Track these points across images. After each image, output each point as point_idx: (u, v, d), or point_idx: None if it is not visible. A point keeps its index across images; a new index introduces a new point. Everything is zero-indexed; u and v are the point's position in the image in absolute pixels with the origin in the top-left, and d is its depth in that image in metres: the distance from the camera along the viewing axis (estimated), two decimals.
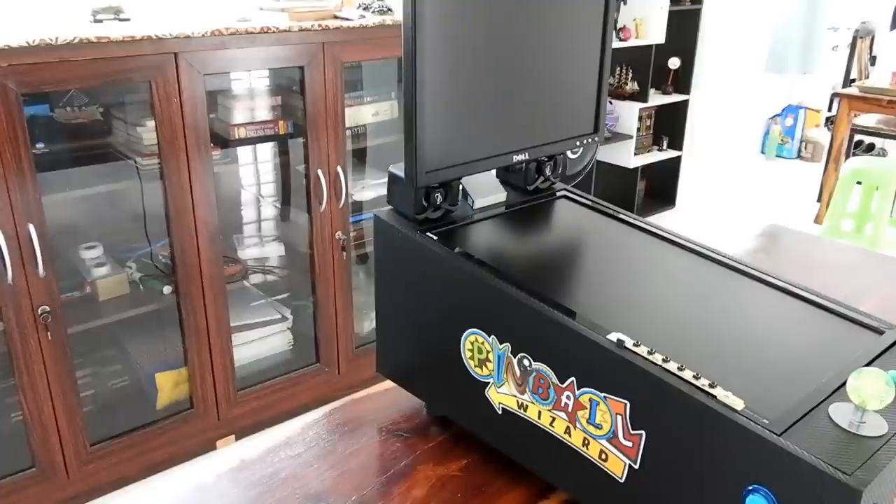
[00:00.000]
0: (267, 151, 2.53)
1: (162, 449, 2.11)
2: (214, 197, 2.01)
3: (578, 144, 0.83)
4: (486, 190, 0.80)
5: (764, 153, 5.77)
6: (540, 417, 0.65)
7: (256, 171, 2.60)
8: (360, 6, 2.39)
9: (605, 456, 0.60)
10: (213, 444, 2.22)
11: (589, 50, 0.80)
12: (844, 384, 0.54)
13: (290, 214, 2.59)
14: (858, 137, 4.65)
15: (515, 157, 0.77)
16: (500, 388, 0.67)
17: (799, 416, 0.53)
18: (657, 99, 4.17)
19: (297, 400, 2.36)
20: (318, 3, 2.19)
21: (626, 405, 0.58)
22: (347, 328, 2.43)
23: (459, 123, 0.71)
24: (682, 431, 0.55)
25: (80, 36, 1.67)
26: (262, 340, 2.38)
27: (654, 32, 3.89)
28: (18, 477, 1.87)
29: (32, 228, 1.71)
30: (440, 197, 0.73)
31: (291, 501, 0.68)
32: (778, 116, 5.76)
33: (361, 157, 2.65)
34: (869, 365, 0.59)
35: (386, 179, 0.74)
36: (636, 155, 4.13)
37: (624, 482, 0.60)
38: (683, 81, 4.23)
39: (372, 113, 2.46)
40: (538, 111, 0.78)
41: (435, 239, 0.70)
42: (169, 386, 2.15)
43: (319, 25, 2.08)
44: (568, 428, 0.63)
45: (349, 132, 2.33)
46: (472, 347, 0.68)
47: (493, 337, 0.66)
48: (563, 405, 0.62)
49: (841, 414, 0.53)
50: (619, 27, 3.77)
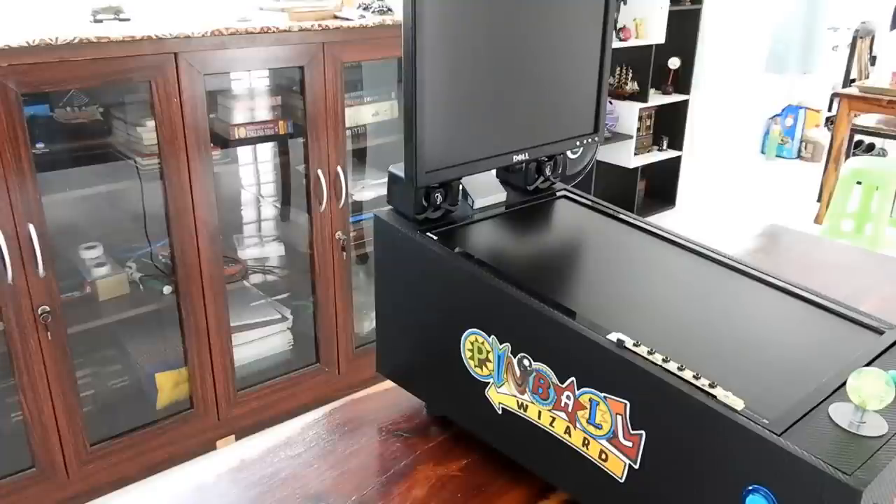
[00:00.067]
0: (267, 151, 2.53)
1: (162, 449, 2.11)
2: (214, 197, 2.01)
3: (578, 144, 0.83)
4: (486, 190, 0.80)
5: (764, 153, 5.77)
6: (540, 417, 0.65)
7: (256, 171, 2.60)
8: (360, 6, 2.39)
9: (605, 456, 0.60)
10: (213, 444, 2.22)
11: (589, 50, 0.80)
12: (844, 384, 0.54)
13: (290, 214, 2.59)
14: (858, 137, 4.65)
15: (515, 157, 0.77)
16: (500, 388, 0.67)
17: (799, 416, 0.53)
18: (657, 99, 4.17)
19: (297, 400, 2.36)
20: (318, 3, 2.19)
21: (626, 405, 0.58)
22: (347, 328, 2.43)
23: (459, 123, 0.71)
24: (682, 431, 0.55)
25: (80, 36, 1.67)
26: (262, 340, 2.38)
27: (654, 32, 3.89)
28: (18, 477, 1.87)
29: (32, 228, 1.71)
30: (440, 197, 0.73)
31: (291, 501, 0.68)
32: (778, 116, 5.76)
33: (361, 157, 2.65)
34: (869, 365, 0.59)
35: (386, 179, 0.74)
36: (636, 155, 4.13)
37: (624, 482, 0.60)
38: (683, 81, 4.23)
39: (372, 113, 2.46)
40: (538, 111, 0.78)
41: (435, 239, 0.70)
42: (169, 386, 2.15)
43: (319, 25, 2.08)
44: (568, 428, 0.63)
45: (349, 132, 2.33)
46: (472, 347, 0.68)
47: (493, 337, 0.66)
48: (563, 405, 0.62)
49: (841, 414, 0.53)
50: (619, 27, 3.77)
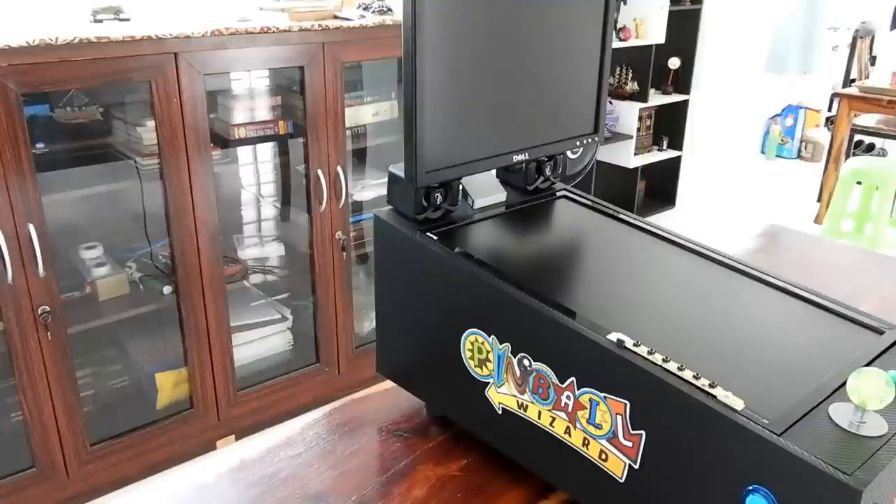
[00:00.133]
0: (267, 151, 2.53)
1: (162, 449, 2.11)
2: (214, 197, 2.01)
3: (578, 144, 0.83)
4: (486, 190, 0.80)
5: (764, 153, 5.77)
6: (540, 417, 0.65)
7: (256, 171, 2.60)
8: (360, 6, 2.39)
9: (605, 456, 0.60)
10: (213, 444, 2.22)
11: (589, 50, 0.80)
12: (844, 384, 0.54)
13: (290, 214, 2.59)
14: (858, 137, 4.65)
15: (515, 157, 0.77)
16: (500, 388, 0.67)
17: (799, 416, 0.53)
18: (657, 99, 4.17)
19: (297, 400, 2.36)
20: (318, 3, 2.19)
21: (626, 405, 0.58)
22: (347, 328, 2.43)
23: (459, 123, 0.71)
24: (682, 431, 0.55)
25: (80, 36, 1.67)
26: (262, 340, 2.38)
27: (654, 32, 3.89)
28: (18, 477, 1.87)
29: (32, 228, 1.71)
30: (440, 197, 0.73)
31: (291, 501, 0.68)
32: (778, 116, 5.76)
33: (361, 157, 2.65)
34: (869, 365, 0.59)
35: (386, 179, 0.74)
36: (636, 155, 4.13)
37: (624, 482, 0.60)
38: (683, 81, 4.23)
39: (372, 113, 2.46)
40: (538, 111, 0.78)
41: (435, 239, 0.70)
42: (169, 386, 2.15)
43: (319, 25, 2.08)
44: (568, 428, 0.63)
45: (349, 132, 2.33)
46: (472, 347, 0.68)
47: (493, 337, 0.66)
48: (563, 405, 0.62)
49: (841, 414, 0.53)
50: (619, 27, 3.77)
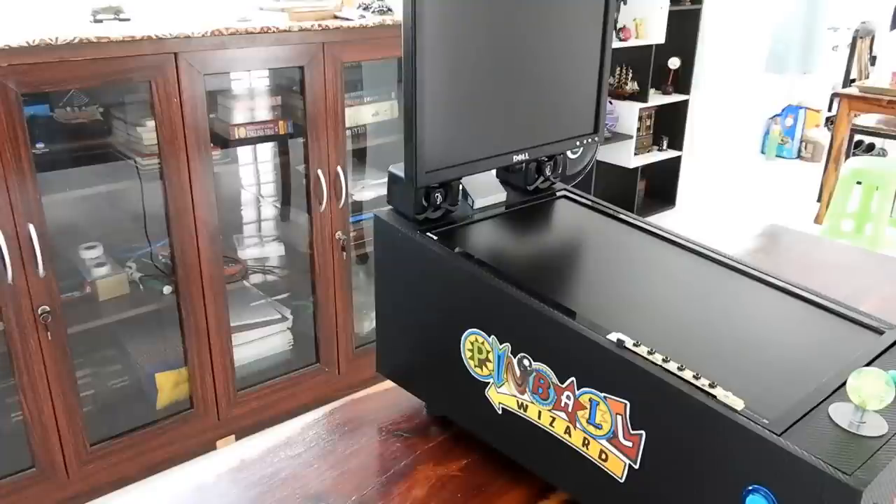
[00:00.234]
0: (267, 151, 2.53)
1: (162, 449, 2.11)
2: (214, 197, 2.01)
3: (578, 144, 0.83)
4: (486, 190, 0.80)
5: (764, 153, 5.77)
6: (540, 417, 0.65)
7: (256, 171, 2.60)
8: (360, 6, 2.39)
9: (605, 456, 0.60)
10: (213, 444, 2.22)
11: (589, 50, 0.80)
12: (844, 384, 0.54)
13: (290, 214, 2.59)
14: (858, 137, 4.65)
15: (515, 157, 0.77)
16: (500, 388, 0.67)
17: (799, 416, 0.53)
18: (657, 99, 4.17)
19: (297, 400, 2.36)
20: (318, 3, 2.19)
21: (626, 405, 0.58)
22: (347, 328, 2.43)
23: (459, 123, 0.71)
24: (682, 431, 0.55)
25: (80, 36, 1.67)
26: (262, 340, 2.38)
27: (654, 32, 3.89)
28: (18, 477, 1.87)
29: (32, 228, 1.71)
30: (440, 197, 0.73)
31: (291, 501, 0.68)
32: (778, 116, 5.76)
33: (361, 157, 2.65)
34: (869, 365, 0.59)
35: (386, 179, 0.74)
36: (636, 155, 4.13)
37: (624, 482, 0.60)
38: (683, 81, 4.23)
39: (372, 113, 2.46)
40: (538, 111, 0.78)
41: (435, 239, 0.70)
42: (169, 386, 2.15)
43: (319, 25, 2.08)
44: (568, 428, 0.63)
45: (349, 132, 2.33)
46: (472, 347, 0.68)
47: (493, 337, 0.66)
48: (563, 405, 0.62)
49: (841, 414, 0.53)
50: (619, 27, 3.77)
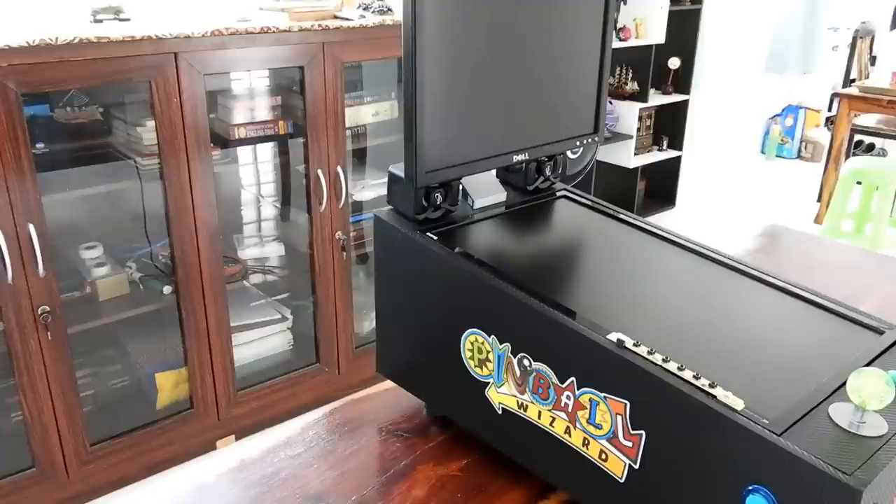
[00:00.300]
0: (267, 151, 2.53)
1: (162, 449, 2.11)
2: (214, 197, 2.01)
3: (578, 144, 0.83)
4: (486, 190, 0.80)
5: (764, 153, 5.77)
6: (540, 417, 0.65)
7: (256, 171, 2.60)
8: (360, 6, 2.39)
9: (605, 456, 0.60)
10: (213, 444, 2.22)
11: (589, 50, 0.80)
12: (844, 384, 0.54)
13: (290, 214, 2.59)
14: (858, 137, 4.65)
15: (515, 157, 0.77)
16: (500, 388, 0.67)
17: (799, 416, 0.53)
18: (657, 99, 4.17)
19: (297, 400, 2.36)
20: (318, 3, 2.19)
21: (626, 405, 0.58)
22: (347, 328, 2.43)
23: (459, 123, 0.71)
24: (682, 431, 0.55)
25: (80, 36, 1.67)
26: (262, 340, 2.38)
27: (654, 32, 3.89)
28: (18, 477, 1.87)
29: (32, 228, 1.71)
30: (440, 197, 0.73)
31: (291, 501, 0.68)
32: (778, 116, 5.76)
33: (361, 157, 2.65)
34: (869, 365, 0.59)
35: (386, 179, 0.74)
36: (636, 155, 4.13)
37: (624, 482, 0.60)
38: (683, 81, 4.23)
39: (372, 113, 2.46)
40: (538, 111, 0.78)
41: (435, 239, 0.70)
42: (169, 386, 2.15)
43: (319, 25, 2.08)
44: (568, 428, 0.63)
45: (349, 132, 2.33)
46: (472, 347, 0.68)
47: (493, 337, 0.66)
48: (563, 405, 0.62)
49: (841, 414, 0.53)
50: (619, 27, 3.77)
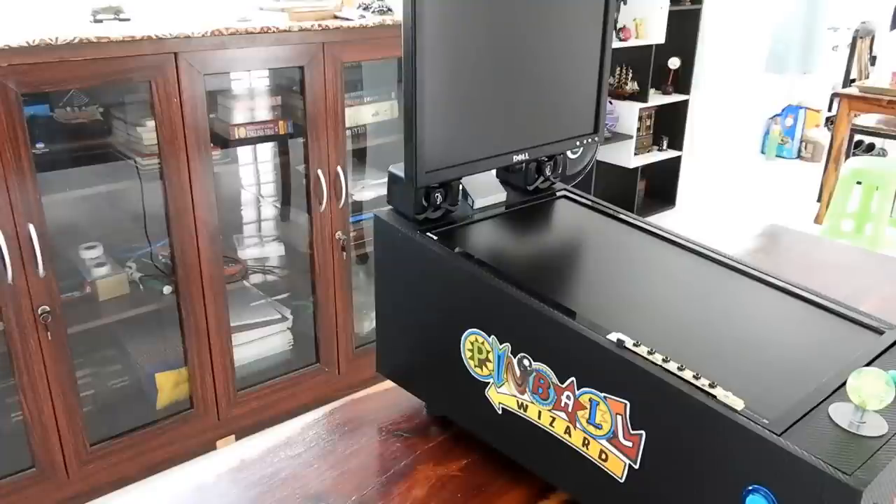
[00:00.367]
0: (267, 151, 2.53)
1: (162, 449, 2.11)
2: (214, 197, 2.01)
3: (578, 144, 0.83)
4: (486, 190, 0.80)
5: (764, 153, 5.77)
6: (540, 417, 0.65)
7: (256, 171, 2.60)
8: (360, 6, 2.39)
9: (605, 456, 0.60)
10: (213, 444, 2.22)
11: (589, 50, 0.80)
12: (844, 384, 0.54)
13: (290, 214, 2.59)
14: (858, 137, 4.65)
15: (515, 157, 0.77)
16: (500, 388, 0.67)
17: (799, 416, 0.53)
18: (657, 99, 4.17)
19: (297, 400, 2.36)
20: (318, 3, 2.19)
21: (626, 405, 0.58)
22: (347, 328, 2.43)
23: (459, 123, 0.71)
24: (682, 431, 0.55)
25: (80, 36, 1.67)
26: (262, 340, 2.38)
27: (654, 32, 3.89)
28: (18, 477, 1.87)
29: (32, 228, 1.71)
30: (440, 197, 0.73)
31: (291, 501, 0.68)
32: (778, 116, 5.76)
33: (361, 157, 2.65)
34: (869, 365, 0.59)
35: (386, 179, 0.74)
36: (636, 155, 4.13)
37: (624, 482, 0.60)
38: (683, 81, 4.23)
39: (372, 113, 2.46)
40: (538, 111, 0.78)
41: (435, 239, 0.70)
42: (169, 386, 2.15)
43: (319, 25, 2.08)
44: (568, 428, 0.63)
45: (349, 132, 2.33)
46: (472, 347, 0.68)
47: (493, 337, 0.66)
48: (563, 405, 0.62)
49: (841, 414, 0.53)
50: (619, 27, 3.77)
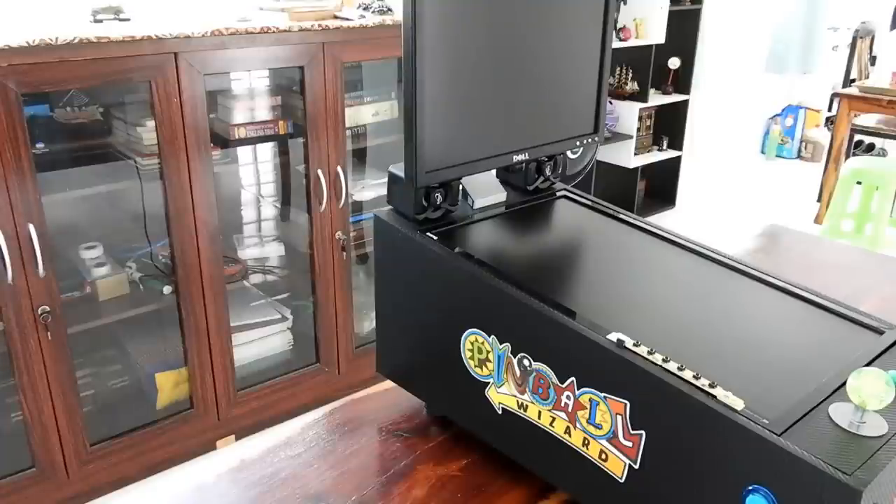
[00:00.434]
0: (267, 151, 2.53)
1: (162, 449, 2.11)
2: (214, 197, 2.01)
3: (578, 144, 0.83)
4: (486, 190, 0.80)
5: (764, 153, 5.77)
6: (540, 417, 0.65)
7: (256, 171, 2.60)
8: (360, 6, 2.39)
9: (605, 456, 0.60)
10: (213, 444, 2.22)
11: (589, 50, 0.80)
12: (844, 384, 0.54)
13: (290, 214, 2.59)
14: (858, 137, 4.65)
15: (515, 157, 0.77)
16: (500, 388, 0.67)
17: (799, 416, 0.53)
18: (657, 99, 4.17)
19: (297, 400, 2.36)
20: (318, 3, 2.19)
21: (626, 405, 0.58)
22: (347, 328, 2.43)
23: (459, 123, 0.71)
24: (682, 431, 0.55)
25: (80, 36, 1.67)
26: (262, 340, 2.38)
27: (654, 32, 3.89)
28: (18, 477, 1.87)
29: (32, 228, 1.71)
30: (440, 197, 0.73)
31: (291, 501, 0.68)
32: (778, 116, 5.76)
33: (361, 157, 2.65)
34: (869, 365, 0.59)
35: (386, 179, 0.74)
36: (636, 155, 4.13)
37: (624, 482, 0.60)
38: (683, 81, 4.22)
39: (372, 113, 2.46)
40: (538, 111, 0.78)
41: (435, 239, 0.70)
42: (169, 386, 2.15)
43: (319, 25, 2.08)
44: (568, 428, 0.63)
45: (349, 132, 2.33)
46: (472, 347, 0.68)
47: (493, 337, 0.66)
48: (563, 405, 0.62)
49: (841, 414, 0.53)
50: (619, 27, 3.77)
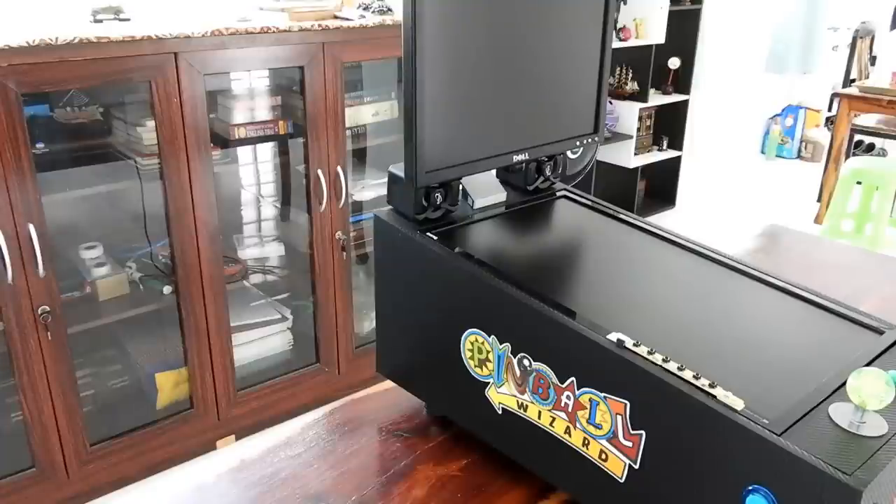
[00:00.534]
0: (267, 151, 2.53)
1: (162, 449, 2.11)
2: (214, 197, 2.01)
3: (578, 144, 0.83)
4: (486, 190, 0.80)
5: (764, 153, 5.77)
6: (540, 417, 0.65)
7: (256, 171, 2.60)
8: (360, 6, 2.39)
9: (605, 456, 0.60)
10: (213, 444, 2.22)
11: (589, 50, 0.80)
12: (844, 384, 0.54)
13: (290, 214, 2.59)
14: (858, 137, 4.65)
15: (515, 157, 0.77)
16: (500, 388, 0.67)
17: (799, 416, 0.53)
18: (657, 99, 4.17)
19: (297, 400, 2.36)
20: (318, 3, 2.19)
21: (626, 405, 0.58)
22: (347, 328, 2.43)
23: (459, 123, 0.71)
24: (682, 431, 0.55)
25: (80, 36, 1.67)
26: (262, 340, 2.38)
27: (654, 32, 3.89)
28: (18, 477, 1.87)
29: (32, 228, 1.71)
30: (440, 197, 0.73)
31: (291, 501, 0.68)
32: (778, 116, 5.76)
33: (361, 157, 2.65)
34: (869, 365, 0.59)
35: (386, 179, 0.74)
36: (636, 155, 4.13)
37: (624, 482, 0.60)
38: (683, 81, 4.22)
39: (372, 113, 2.46)
40: (538, 111, 0.78)
41: (435, 239, 0.70)
42: (169, 386, 2.15)
43: (319, 25, 2.08)
44: (568, 428, 0.63)
45: (349, 132, 2.33)
46: (472, 347, 0.68)
47: (493, 337, 0.66)
48: (563, 405, 0.62)
49: (841, 414, 0.53)
50: (619, 27, 3.77)
